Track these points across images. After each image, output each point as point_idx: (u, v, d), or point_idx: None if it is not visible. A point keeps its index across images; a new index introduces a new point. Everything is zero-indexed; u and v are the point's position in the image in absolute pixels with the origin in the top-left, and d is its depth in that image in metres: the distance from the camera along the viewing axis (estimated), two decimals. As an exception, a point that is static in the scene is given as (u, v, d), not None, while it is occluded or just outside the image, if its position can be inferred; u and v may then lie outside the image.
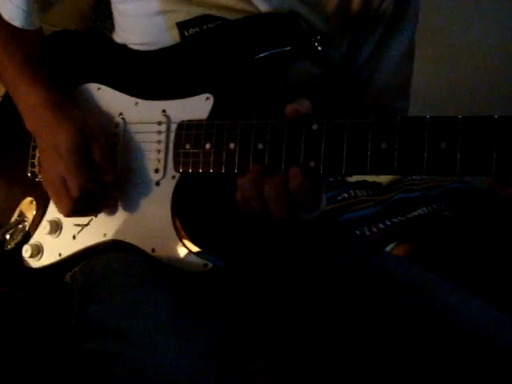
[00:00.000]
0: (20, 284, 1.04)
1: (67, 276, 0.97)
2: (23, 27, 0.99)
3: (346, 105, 1.06)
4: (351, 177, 1.85)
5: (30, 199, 1.04)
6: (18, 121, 0.98)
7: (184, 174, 0.89)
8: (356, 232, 1.74)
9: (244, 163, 0.81)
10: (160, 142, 0.91)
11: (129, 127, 0.95)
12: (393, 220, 1.84)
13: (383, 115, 0.73)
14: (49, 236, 0.99)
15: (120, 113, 0.96)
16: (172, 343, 0.71)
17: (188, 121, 0.89)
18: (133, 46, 1.01)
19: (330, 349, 0.89)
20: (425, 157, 0.68)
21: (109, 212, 0.95)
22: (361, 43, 0.99)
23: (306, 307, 0.93)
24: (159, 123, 0.92)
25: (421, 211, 1.88)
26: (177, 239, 0.86)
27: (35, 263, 1.00)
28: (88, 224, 0.96)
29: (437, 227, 1.83)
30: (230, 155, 0.83)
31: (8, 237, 1.04)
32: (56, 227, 0.98)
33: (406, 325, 0.83)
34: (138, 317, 0.75)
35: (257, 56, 0.87)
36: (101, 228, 0.94)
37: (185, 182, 0.89)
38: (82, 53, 1.07)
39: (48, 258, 0.99)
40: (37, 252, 0.99)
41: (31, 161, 1.05)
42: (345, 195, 1.90)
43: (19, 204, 1.05)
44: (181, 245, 0.86)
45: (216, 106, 0.88)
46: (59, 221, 0.99)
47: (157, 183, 0.91)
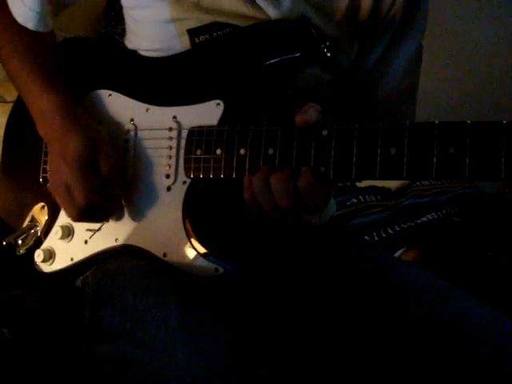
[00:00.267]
0: (32, 288, 1.05)
1: (78, 280, 0.98)
2: (36, 29, 0.99)
3: (355, 109, 1.06)
4: (361, 182, 1.84)
5: (42, 204, 1.04)
6: (32, 126, 0.98)
7: (195, 180, 0.89)
8: (365, 237, 1.74)
9: (254, 169, 0.82)
10: (171, 148, 0.92)
11: (140, 133, 0.96)
12: (402, 225, 1.84)
13: (392, 121, 0.73)
14: (61, 241, 0.99)
15: (131, 119, 0.97)
16: (183, 347, 0.71)
17: (199, 127, 0.90)
18: (143, 53, 1.02)
19: (340, 355, 0.89)
20: (434, 162, 0.69)
21: (120, 217, 0.95)
22: (369, 48, 1.00)
23: (315, 312, 0.93)
24: (170, 129, 0.92)
25: (430, 217, 1.88)
26: (188, 244, 0.87)
27: (47, 268, 1.00)
28: (99, 229, 0.96)
29: (446, 233, 1.82)
30: (241, 161, 0.83)
31: (20, 242, 1.04)
32: (68, 232, 0.99)
33: (415, 332, 0.83)
34: (150, 321, 0.75)
35: (266, 62, 0.88)
36: (112, 233, 0.95)
37: (195, 188, 0.90)
38: (93, 59, 1.07)
39: (60, 263, 0.99)
40: (49, 257, 1.00)
41: (43, 166, 1.05)
42: (354, 200, 1.90)
43: (31, 209, 1.05)
44: (192, 250, 0.87)
45: (226, 112, 0.89)
46: (71, 226, 0.99)
47: (168, 188, 0.91)
